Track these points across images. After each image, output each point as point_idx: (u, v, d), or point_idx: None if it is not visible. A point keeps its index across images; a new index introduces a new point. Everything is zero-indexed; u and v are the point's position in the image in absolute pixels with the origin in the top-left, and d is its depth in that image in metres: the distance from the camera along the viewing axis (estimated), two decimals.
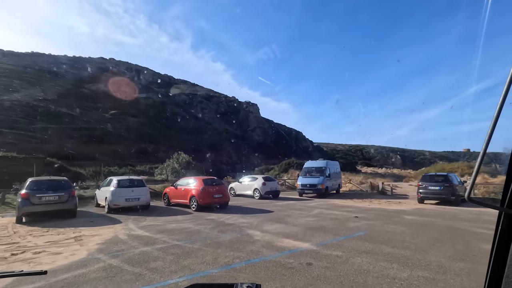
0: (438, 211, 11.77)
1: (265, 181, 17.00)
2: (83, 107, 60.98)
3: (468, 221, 9.35)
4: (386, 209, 12.56)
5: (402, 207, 13.32)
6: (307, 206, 13.63)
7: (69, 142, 49.08)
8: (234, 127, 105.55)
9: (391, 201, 15.59)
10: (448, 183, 13.69)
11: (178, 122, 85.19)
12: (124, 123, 65.84)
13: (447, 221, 9.33)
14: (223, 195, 12.42)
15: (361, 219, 9.73)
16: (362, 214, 10.85)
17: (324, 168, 18.72)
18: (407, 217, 10.27)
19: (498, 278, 0.97)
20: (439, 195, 13.87)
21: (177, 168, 25.84)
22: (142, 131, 67.38)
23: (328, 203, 14.77)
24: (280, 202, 15.18)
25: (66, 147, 48.40)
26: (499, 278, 0.97)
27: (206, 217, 10.35)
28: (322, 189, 17.54)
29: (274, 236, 7.24)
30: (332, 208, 12.69)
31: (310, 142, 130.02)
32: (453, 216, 10.53)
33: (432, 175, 14.93)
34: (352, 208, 12.87)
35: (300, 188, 18.33)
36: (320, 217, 10.31)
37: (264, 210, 12.23)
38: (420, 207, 13.20)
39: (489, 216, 10.42)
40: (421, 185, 14.49)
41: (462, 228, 8.25)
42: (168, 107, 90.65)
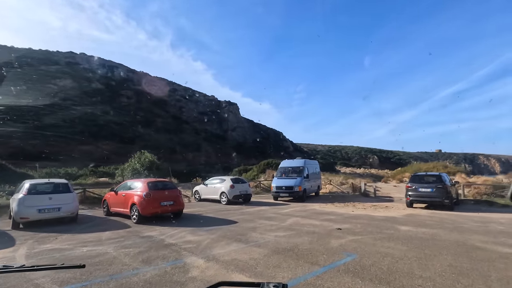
0: (434, 219, 9.87)
1: (233, 184, 14.56)
2: (50, 104, 55.75)
3: (478, 233, 7.42)
4: (373, 216, 10.53)
5: (391, 212, 11.37)
6: (280, 213, 11.35)
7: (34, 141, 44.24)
8: (213, 126, 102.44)
9: (377, 205, 13.68)
10: (441, 184, 11.93)
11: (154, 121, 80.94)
12: (94, 121, 61.08)
13: (452, 234, 7.35)
14: (175, 202, 9.84)
15: (346, 233, 7.54)
16: (346, 225, 8.70)
17: (302, 168, 16.59)
18: (402, 228, 8.23)
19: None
20: (431, 198, 12.08)
21: (138, 168, 22.80)
22: (114, 130, 62.82)
23: (305, 209, 12.58)
24: (250, 208, 12.81)
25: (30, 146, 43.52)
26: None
27: (143, 234, 7.76)
28: (299, 191, 15.37)
29: (222, 268, 4.84)
30: (310, 216, 10.47)
31: (291, 143, 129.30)
32: (454, 225, 8.62)
33: (422, 175, 13.17)
34: (333, 215, 10.73)
35: (274, 191, 16.06)
36: (294, 230, 8.02)
37: (226, 220, 9.79)
38: (411, 213, 11.30)
39: (496, 225, 8.61)
40: (410, 186, 12.66)
41: (476, 245, 6.25)
42: (144, 105, 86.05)
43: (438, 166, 56.14)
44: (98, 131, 57.95)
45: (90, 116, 61.69)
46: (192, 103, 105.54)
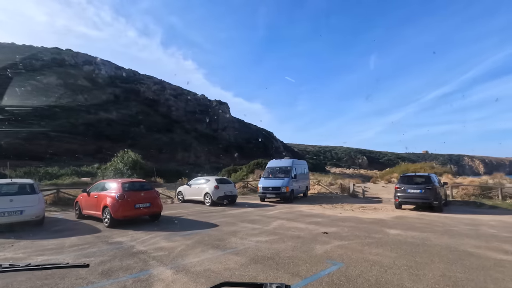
0: (423, 221, 9.52)
1: (218, 184, 13.95)
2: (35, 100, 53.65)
3: (469, 237, 7.06)
4: (361, 218, 10.12)
5: (379, 214, 11.00)
6: (265, 215, 10.82)
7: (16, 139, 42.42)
8: (203, 126, 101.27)
9: (365, 206, 13.33)
10: (430, 185, 11.64)
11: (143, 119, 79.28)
12: (80, 119, 59.23)
13: (443, 238, 6.97)
14: (152, 204, 9.16)
15: (333, 237, 7.07)
16: (333, 228, 8.23)
17: (290, 168, 16.11)
18: (391, 231, 7.81)
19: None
20: (420, 199, 11.78)
21: (121, 168, 21.87)
22: (101, 128, 61.10)
23: (292, 211, 12.10)
24: (234, 210, 12.23)
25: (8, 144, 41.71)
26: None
27: (113, 239, 7.08)
28: (286, 192, 14.89)
29: (191, 281, 4.25)
30: (296, 219, 9.98)
31: (281, 143, 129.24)
32: (445, 228, 8.27)
33: (411, 175, 12.88)
34: (320, 217, 10.27)
35: (261, 191, 15.53)
36: (278, 234, 7.50)
37: (206, 223, 9.19)
38: (400, 215, 10.96)
39: (487, 228, 8.31)
40: (399, 187, 12.34)
41: (469, 251, 5.86)
42: (132, 104, 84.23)
43: (425, 166, 56.82)
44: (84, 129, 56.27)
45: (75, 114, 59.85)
46: (182, 102, 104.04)
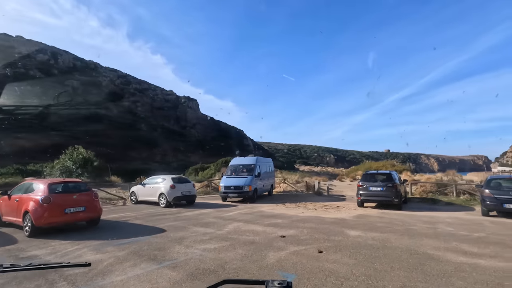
0: (384, 220, 9.29)
1: (174, 184, 12.81)
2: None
3: (428, 237, 6.80)
4: (323, 218, 9.66)
5: (341, 213, 10.65)
6: (222, 217, 9.96)
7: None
8: (171, 122, 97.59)
9: (328, 205, 13.01)
10: (391, 182, 11.56)
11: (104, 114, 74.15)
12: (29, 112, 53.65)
13: (403, 239, 6.62)
14: (88, 208, 7.88)
15: (290, 242, 6.41)
16: (292, 231, 7.61)
17: (254, 165, 15.40)
18: (351, 233, 7.36)
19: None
20: (382, 197, 11.67)
21: (69, 166, 19.70)
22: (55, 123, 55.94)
23: (253, 211, 11.37)
24: (190, 212, 11.22)
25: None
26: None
27: (27, 253, 5.80)
28: (249, 191, 14.14)
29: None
30: (254, 221, 9.24)
31: (251, 141, 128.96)
32: (405, 227, 8.03)
33: (373, 173, 12.79)
34: (281, 218, 9.65)
35: (222, 191, 14.63)
36: (230, 240, 6.68)
37: (153, 229, 8.11)
38: (362, 213, 10.71)
39: (444, 226, 8.20)
40: (362, 185, 12.15)
41: (429, 253, 5.50)
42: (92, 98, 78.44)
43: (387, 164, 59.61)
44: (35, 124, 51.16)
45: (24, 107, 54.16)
46: (149, 98, 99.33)
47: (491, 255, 5.37)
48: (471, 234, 7.17)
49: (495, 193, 9.49)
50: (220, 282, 1.12)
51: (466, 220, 9.19)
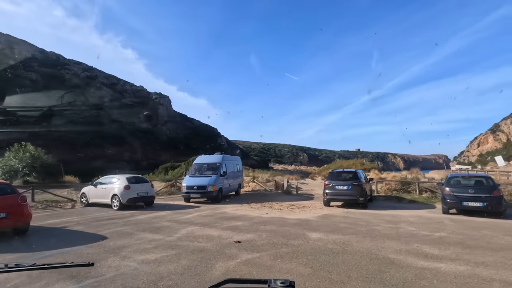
0: (348, 220, 8.97)
1: (129, 184, 11.70)
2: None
3: (390, 239, 6.49)
4: (286, 219, 9.16)
5: (306, 214, 10.23)
6: (178, 220, 9.11)
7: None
8: (141, 119, 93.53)
9: (295, 205, 12.60)
10: (356, 181, 11.37)
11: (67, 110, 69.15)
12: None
13: (365, 242, 6.24)
14: (11, 214, 6.68)
15: (244, 248, 5.77)
16: (250, 235, 6.98)
17: (219, 164, 14.63)
18: (312, 235, 6.89)
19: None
20: (347, 196, 11.45)
21: (14, 166, 17.63)
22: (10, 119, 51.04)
23: (215, 213, 10.62)
24: (145, 215, 10.21)
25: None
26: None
27: None
28: (213, 192, 13.36)
29: None
30: (212, 224, 8.50)
31: (225, 139, 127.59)
32: (368, 228, 7.72)
33: (339, 172, 12.56)
34: (242, 220, 9.00)
35: (185, 191, 13.70)
36: (178, 248, 5.90)
37: (92, 236, 7.08)
38: (327, 213, 10.38)
39: (406, 225, 8.02)
40: (328, 184, 11.87)
41: (390, 258, 5.12)
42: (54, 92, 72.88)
43: (356, 163, 61.34)
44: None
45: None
46: (117, 93, 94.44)
47: (452, 258, 5.10)
48: (432, 234, 6.99)
49: (455, 191, 9.56)
50: (223, 281, 1.13)
51: (428, 218, 9.14)
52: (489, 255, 5.23)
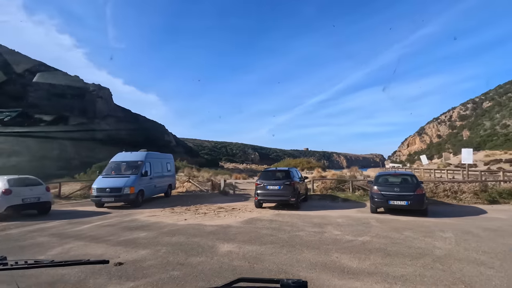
0: (273, 225, 8.03)
1: (11, 188, 9.17)
2: None
3: (310, 248, 5.62)
4: (204, 226, 7.85)
5: (231, 218, 9.06)
6: (65, 233, 7.15)
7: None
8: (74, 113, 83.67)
9: (225, 207, 11.39)
10: (288, 180, 10.59)
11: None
12: None
13: (280, 254, 5.26)
14: None
15: (118, 275, 4.29)
16: (144, 251, 5.50)
17: (141, 162, 12.70)
18: (223, 248, 5.70)
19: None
20: (279, 196, 10.62)
21: None
22: None
23: (122, 221, 8.82)
24: (22, 228, 7.92)
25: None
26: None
27: None
28: (130, 194, 11.42)
29: None
30: (106, 237, 6.77)
31: (174, 137, 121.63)
32: (290, 234, 6.82)
33: (272, 171, 11.72)
34: (148, 230, 7.43)
35: (94, 195, 11.48)
36: (24, 278, 4.15)
37: None
38: (255, 216, 9.36)
39: (333, 228, 7.35)
40: (259, 184, 10.90)
41: (301, 277, 4.15)
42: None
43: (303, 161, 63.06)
44: None
45: None
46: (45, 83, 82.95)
47: (370, 271, 4.34)
48: (356, 238, 6.35)
49: (382, 189, 9.33)
50: (235, 280, 1.11)
51: (356, 219, 8.69)
52: (409, 265, 4.62)
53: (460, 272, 4.28)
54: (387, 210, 9.68)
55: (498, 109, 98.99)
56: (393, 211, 9.57)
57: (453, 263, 4.65)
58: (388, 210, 9.67)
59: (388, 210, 9.65)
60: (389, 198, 9.05)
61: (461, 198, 11.84)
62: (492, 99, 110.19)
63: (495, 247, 5.53)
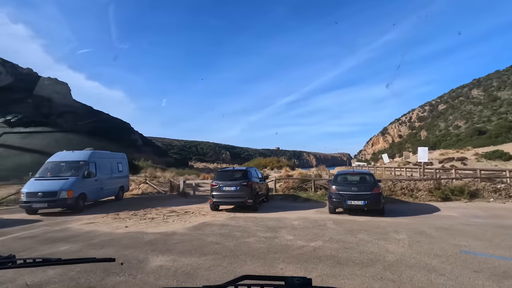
0: (224, 230, 7.32)
1: None
2: None
3: (253, 259, 5.00)
4: (144, 235, 6.93)
5: (178, 224, 8.20)
6: None
7: None
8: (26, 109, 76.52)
9: (177, 210, 10.46)
10: (245, 181, 9.95)
11: None
12: None
13: (218, 269, 4.56)
14: None
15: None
16: (53, 271, 4.50)
17: (84, 162, 11.33)
18: (155, 262, 4.87)
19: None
20: (235, 198, 9.96)
21: None
22: None
23: (50, 230, 7.59)
24: None
25: None
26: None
27: None
28: (68, 199, 10.05)
29: None
30: (13, 253, 5.62)
31: (140, 136, 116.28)
32: (238, 242, 6.16)
33: (228, 170, 10.99)
34: (74, 242, 6.35)
35: (24, 200, 9.97)
36: None
37: None
38: (207, 220, 8.59)
39: (286, 233, 6.81)
40: (215, 185, 10.15)
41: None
42: None
43: (273, 161, 63.09)
44: None
45: None
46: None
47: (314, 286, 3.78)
48: (308, 244, 5.84)
49: (340, 189, 9.04)
50: (240, 277, 1.10)
51: (312, 221, 8.27)
52: (358, 275, 4.16)
53: (410, 282, 3.89)
54: (346, 210, 9.41)
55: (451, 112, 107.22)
56: (351, 211, 9.32)
57: (404, 271, 4.27)
58: (347, 210, 9.42)
59: (347, 210, 9.39)
60: (347, 198, 8.77)
61: (417, 196, 12.02)
62: (446, 102, 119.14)
63: (447, 249, 5.31)
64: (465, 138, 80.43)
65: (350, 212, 9.30)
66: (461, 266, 4.45)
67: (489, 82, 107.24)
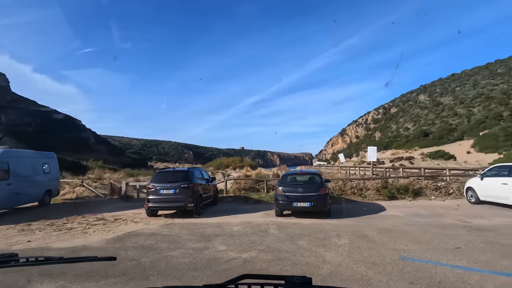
0: (149, 241, 6.29)
1: None
2: None
3: (170, 279, 4.11)
4: (43, 251, 5.65)
5: (97, 235, 6.97)
6: None
7: None
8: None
9: (108, 217, 9.11)
10: (186, 182, 8.96)
11: None
12: None
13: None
14: None
15: None
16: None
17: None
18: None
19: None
20: (174, 202, 8.92)
21: None
22: None
23: None
24: None
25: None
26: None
27: None
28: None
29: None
30: None
31: (93, 134, 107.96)
32: (160, 256, 5.20)
33: (166, 171, 9.92)
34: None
35: None
36: None
37: None
38: (136, 230, 7.47)
39: (220, 242, 5.99)
40: (151, 188, 9.01)
41: None
42: None
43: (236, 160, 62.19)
44: None
45: None
46: None
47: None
48: (240, 256, 5.10)
49: (286, 190, 8.49)
50: (240, 276, 1.11)
51: (255, 226, 7.59)
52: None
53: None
54: (293, 212, 8.91)
55: (402, 115, 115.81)
56: (298, 213, 8.83)
57: None
58: (294, 213, 8.91)
59: (294, 212, 8.88)
60: (293, 200, 8.24)
61: (366, 195, 12.03)
62: (398, 105, 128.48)
63: (385, 256, 4.92)
64: (413, 139, 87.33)
65: (298, 214, 8.80)
66: (398, 277, 4.02)
67: (433, 89, 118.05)
